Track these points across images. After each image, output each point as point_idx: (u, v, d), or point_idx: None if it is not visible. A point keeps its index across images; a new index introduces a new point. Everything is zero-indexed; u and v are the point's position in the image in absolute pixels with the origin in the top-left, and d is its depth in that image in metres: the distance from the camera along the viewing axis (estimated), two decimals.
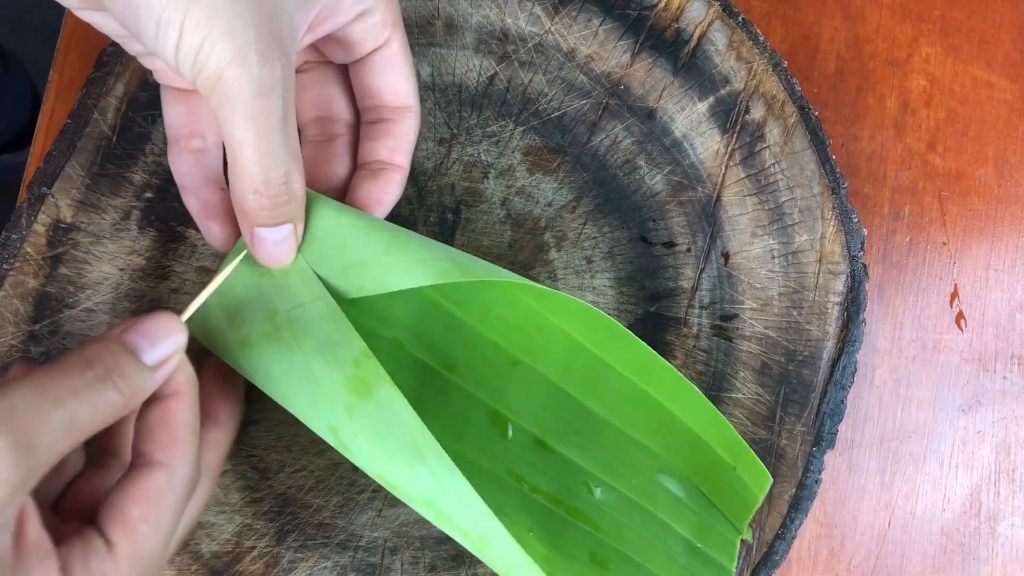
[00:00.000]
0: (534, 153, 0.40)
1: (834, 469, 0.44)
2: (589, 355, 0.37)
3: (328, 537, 0.37)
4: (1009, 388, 0.45)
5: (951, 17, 0.48)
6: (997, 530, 0.44)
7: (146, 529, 0.27)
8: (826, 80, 0.47)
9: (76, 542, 0.26)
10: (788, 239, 0.40)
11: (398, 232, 0.33)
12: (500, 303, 0.37)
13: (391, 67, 0.34)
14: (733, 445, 0.36)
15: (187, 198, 0.34)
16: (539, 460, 0.37)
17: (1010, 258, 0.46)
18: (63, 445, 0.25)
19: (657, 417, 0.37)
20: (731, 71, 0.40)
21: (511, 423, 0.38)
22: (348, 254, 0.32)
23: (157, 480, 0.28)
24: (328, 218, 0.33)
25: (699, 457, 0.37)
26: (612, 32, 0.40)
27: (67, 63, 0.44)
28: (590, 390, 0.38)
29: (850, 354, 0.39)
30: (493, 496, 0.37)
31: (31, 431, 0.24)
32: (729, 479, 0.37)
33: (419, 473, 0.30)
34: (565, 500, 0.37)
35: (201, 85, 0.28)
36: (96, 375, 0.26)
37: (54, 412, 0.25)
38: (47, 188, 0.37)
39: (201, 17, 0.26)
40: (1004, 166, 0.47)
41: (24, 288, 0.37)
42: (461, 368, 0.37)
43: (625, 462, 0.38)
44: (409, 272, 0.32)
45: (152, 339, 0.28)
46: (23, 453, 0.24)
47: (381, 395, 0.30)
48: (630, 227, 0.40)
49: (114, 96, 0.38)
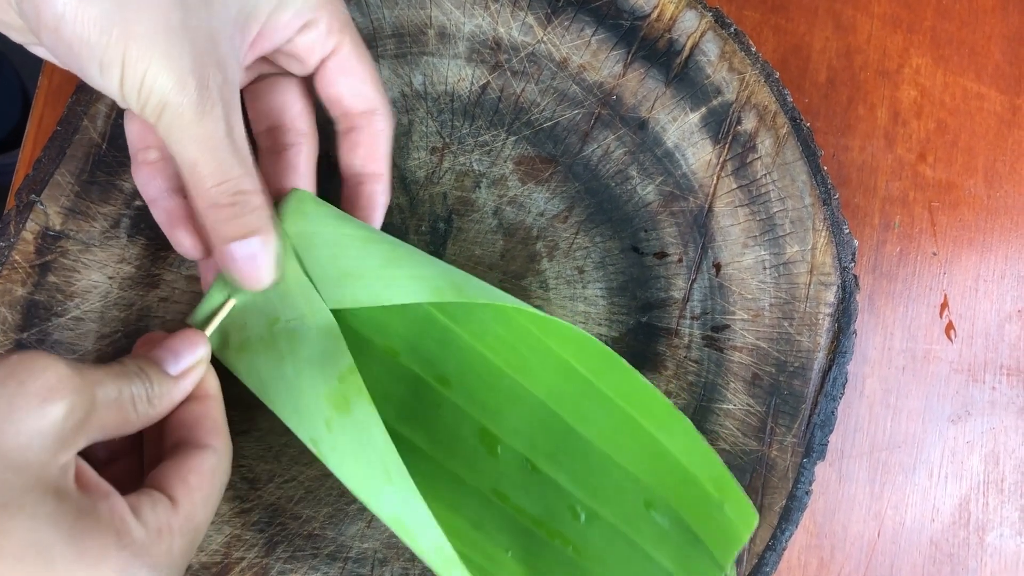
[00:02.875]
0: (526, 163, 0.40)
1: (824, 479, 0.44)
2: (582, 379, 0.37)
3: (318, 548, 0.37)
4: (998, 399, 0.45)
5: (942, 28, 0.48)
6: (986, 540, 0.44)
7: (201, 497, 0.30)
8: (817, 90, 0.47)
9: (144, 493, 0.29)
10: (779, 250, 0.40)
11: (398, 246, 0.34)
12: (497, 320, 0.37)
13: (345, 72, 0.34)
14: (721, 480, 0.36)
15: (154, 211, 0.35)
16: (525, 480, 0.37)
17: (999, 269, 0.47)
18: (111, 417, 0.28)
19: (646, 446, 0.37)
20: (723, 82, 0.40)
21: (500, 442, 0.37)
22: (345, 263, 0.33)
23: (210, 459, 0.31)
24: (329, 225, 0.33)
25: (686, 489, 0.37)
26: (604, 42, 0.40)
27: (56, 68, 0.44)
28: (581, 414, 0.37)
29: (841, 365, 0.39)
30: (476, 512, 0.37)
31: (93, 388, 0.27)
32: (715, 514, 0.37)
33: (386, 493, 0.30)
34: (548, 522, 0.37)
35: (149, 116, 0.29)
36: (131, 371, 0.30)
37: (108, 383, 0.28)
38: (36, 195, 0.37)
39: (139, 52, 0.28)
40: (994, 177, 0.47)
41: (12, 296, 0.36)
42: (454, 383, 0.37)
43: (612, 489, 0.37)
44: (404, 288, 0.32)
45: (176, 353, 0.31)
46: (87, 405, 0.27)
47: (359, 412, 0.30)
48: (622, 237, 0.40)
49: (104, 103, 0.38)
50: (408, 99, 0.40)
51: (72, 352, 0.36)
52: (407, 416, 0.37)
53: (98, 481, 0.28)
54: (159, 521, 0.28)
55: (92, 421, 0.27)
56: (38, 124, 0.44)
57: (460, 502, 0.36)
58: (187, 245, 0.34)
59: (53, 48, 0.29)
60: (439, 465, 0.37)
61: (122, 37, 0.28)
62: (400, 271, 0.32)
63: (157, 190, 0.34)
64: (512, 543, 0.36)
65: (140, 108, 0.29)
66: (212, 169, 0.30)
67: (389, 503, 0.30)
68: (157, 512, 0.28)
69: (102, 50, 0.28)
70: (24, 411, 0.25)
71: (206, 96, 0.29)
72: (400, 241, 0.34)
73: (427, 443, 0.37)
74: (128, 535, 0.27)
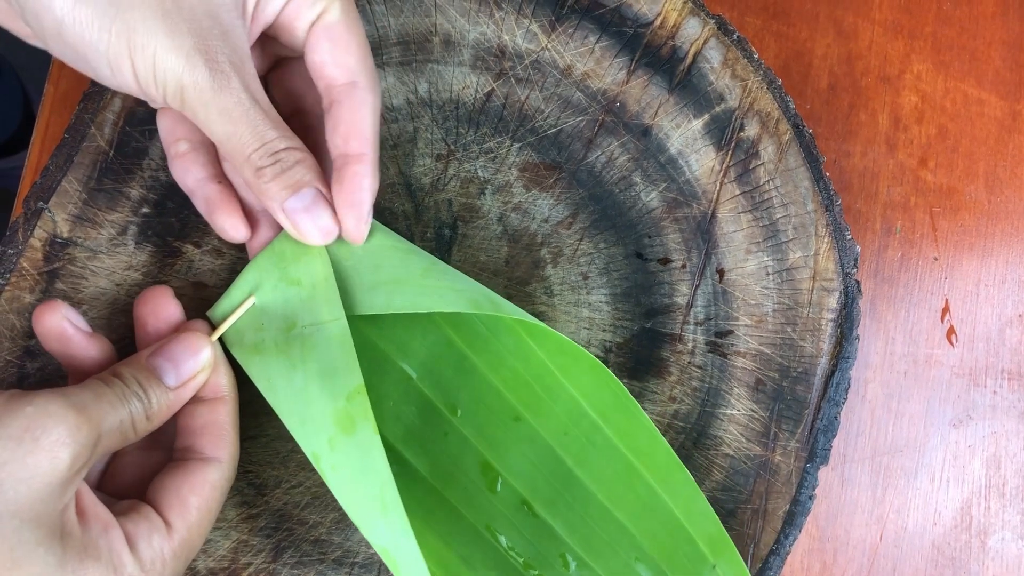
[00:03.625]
0: (531, 169, 0.40)
1: (826, 483, 0.44)
2: (590, 422, 0.37)
3: (324, 553, 0.37)
4: (999, 403, 0.46)
5: (942, 34, 0.48)
6: (987, 544, 0.45)
7: (198, 516, 0.31)
8: (819, 96, 0.47)
9: (140, 520, 0.30)
10: (782, 256, 0.40)
11: (437, 262, 0.34)
12: (514, 354, 0.37)
13: (328, 39, 0.32)
14: (717, 540, 0.36)
15: (195, 201, 0.35)
16: (521, 522, 0.37)
17: (1000, 273, 0.47)
18: (113, 441, 0.29)
19: (644, 499, 0.37)
20: (726, 89, 0.41)
21: (501, 478, 0.37)
22: (386, 272, 0.33)
23: (211, 473, 0.32)
24: (373, 237, 0.34)
25: (679, 548, 0.37)
26: (608, 50, 0.41)
27: (62, 76, 0.44)
28: (584, 459, 0.37)
29: (844, 370, 0.40)
30: (467, 547, 0.37)
31: (98, 426, 0.28)
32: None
33: (379, 522, 0.30)
34: (538, 567, 0.37)
35: (172, 101, 0.30)
36: (131, 391, 0.30)
37: (109, 415, 0.29)
38: (44, 203, 0.37)
39: (142, 41, 0.28)
40: (994, 182, 0.47)
41: (20, 303, 0.36)
42: (464, 412, 0.37)
43: (605, 541, 0.37)
44: (442, 297, 0.32)
45: (175, 361, 0.31)
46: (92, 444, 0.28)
47: (362, 436, 0.30)
48: (626, 243, 0.40)
49: (111, 111, 0.38)
50: (413, 106, 0.40)
51: None
52: (413, 439, 0.37)
53: (97, 510, 0.29)
54: (153, 553, 0.30)
55: (95, 454, 0.29)
56: (44, 131, 0.44)
57: (453, 535, 0.36)
58: (229, 228, 0.34)
59: (62, 55, 0.29)
60: (437, 494, 0.37)
61: (122, 31, 0.28)
62: (439, 282, 0.33)
63: (194, 180, 0.34)
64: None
65: (162, 96, 0.30)
66: (247, 137, 0.30)
67: (380, 533, 0.30)
68: (152, 544, 0.30)
69: (106, 47, 0.28)
70: (38, 467, 0.27)
71: (218, 69, 0.29)
72: (438, 259, 0.35)
73: (429, 469, 0.37)
74: (123, 570, 0.28)
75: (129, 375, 0.31)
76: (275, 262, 0.34)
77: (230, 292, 0.34)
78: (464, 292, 0.33)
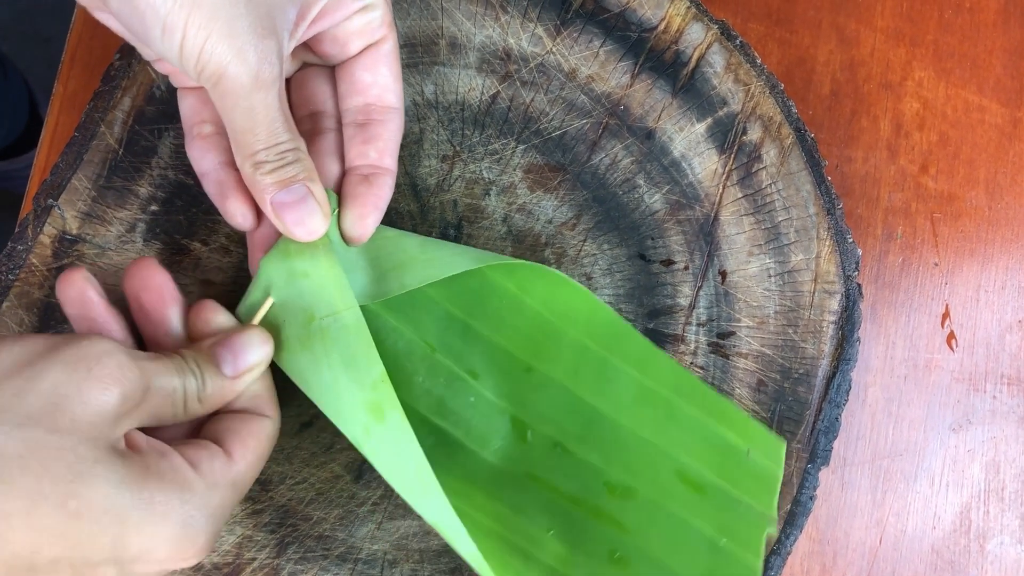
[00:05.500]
0: (535, 171, 0.41)
1: (826, 486, 0.45)
2: (596, 356, 0.38)
3: (328, 549, 0.37)
4: (999, 408, 0.46)
5: (944, 42, 0.49)
6: (986, 548, 0.45)
7: (253, 458, 0.32)
8: (821, 102, 0.48)
9: (199, 447, 0.31)
10: (784, 258, 0.40)
11: (427, 239, 0.36)
12: (509, 311, 0.38)
13: (384, 63, 0.35)
14: (741, 426, 0.37)
15: (205, 184, 0.35)
16: (558, 463, 0.38)
17: (1000, 279, 0.47)
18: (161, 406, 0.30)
19: (665, 412, 0.38)
20: (729, 93, 0.41)
21: (530, 428, 0.38)
22: (389, 259, 0.35)
23: (266, 425, 0.33)
24: None
25: (711, 447, 0.38)
26: (612, 53, 0.41)
27: (71, 75, 0.45)
28: (600, 392, 0.38)
29: (845, 372, 0.40)
30: (514, 497, 0.38)
31: (148, 378, 0.29)
32: (745, 464, 0.37)
33: (425, 502, 0.31)
34: (585, 500, 0.38)
35: (205, 81, 0.31)
36: (188, 367, 0.31)
37: (162, 375, 0.30)
38: (53, 200, 0.37)
39: (202, 20, 0.29)
40: (995, 189, 0.48)
41: (29, 299, 0.37)
42: (482, 375, 0.39)
43: (641, 462, 0.38)
44: (445, 263, 0.34)
45: (236, 352, 0.32)
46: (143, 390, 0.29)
47: (392, 423, 0.31)
48: (629, 245, 0.41)
49: (121, 110, 0.38)
50: (420, 108, 0.41)
51: None
52: (445, 409, 0.38)
53: (151, 442, 0.30)
54: (215, 474, 0.30)
55: (144, 407, 0.29)
56: (53, 130, 0.44)
57: (498, 488, 0.37)
58: (238, 215, 0.35)
59: (119, 9, 0.30)
60: (476, 456, 0.38)
61: (187, 4, 0.29)
62: (437, 252, 0.34)
63: (210, 163, 0.35)
64: (553, 523, 0.37)
65: (197, 74, 0.30)
66: (262, 136, 0.31)
67: (428, 509, 0.32)
68: (214, 465, 0.30)
69: (167, 12, 0.29)
70: (91, 393, 0.28)
71: (263, 68, 0.30)
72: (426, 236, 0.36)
73: (464, 435, 0.38)
74: (189, 489, 0.29)
75: (189, 355, 0.32)
76: (282, 259, 0.34)
77: (248, 294, 0.34)
78: (462, 254, 0.34)
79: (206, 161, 0.35)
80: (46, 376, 0.27)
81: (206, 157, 0.35)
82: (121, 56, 0.39)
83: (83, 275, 0.32)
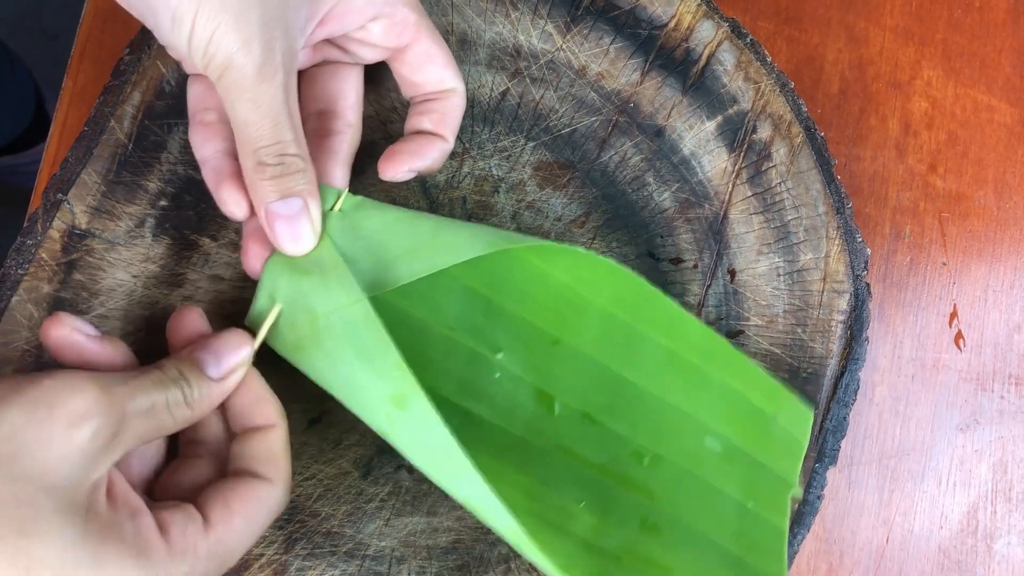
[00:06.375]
0: (544, 168, 0.41)
1: (833, 485, 0.45)
2: (622, 325, 0.38)
3: (336, 546, 0.37)
4: (1006, 407, 0.46)
5: (953, 41, 0.49)
6: (994, 548, 0.45)
7: (239, 525, 0.31)
8: (830, 101, 0.48)
9: (176, 511, 0.30)
10: (793, 257, 0.40)
11: (441, 219, 0.35)
12: (533, 284, 0.38)
13: (425, 61, 0.36)
14: (769, 391, 0.37)
15: (204, 170, 0.35)
16: (586, 433, 0.38)
17: (1008, 279, 0.47)
18: (143, 428, 0.29)
19: (693, 379, 0.38)
20: (739, 91, 0.41)
21: (557, 400, 0.38)
22: (398, 244, 0.34)
23: (260, 489, 0.32)
24: (373, 217, 0.35)
25: (738, 413, 0.38)
26: (623, 51, 0.41)
27: (81, 70, 0.45)
28: (627, 361, 0.38)
29: (853, 372, 0.40)
30: (543, 470, 0.38)
31: (124, 407, 0.28)
32: (771, 431, 0.37)
33: (457, 484, 0.31)
34: (615, 470, 0.38)
35: (211, 72, 0.31)
36: (169, 378, 0.30)
37: (140, 398, 0.29)
38: (63, 194, 0.37)
39: (212, 12, 0.29)
40: (1003, 188, 0.48)
41: (38, 293, 0.37)
42: (506, 351, 0.39)
43: (669, 429, 0.38)
44: (458, 249, 0.34)
45: (218, 354, 0.32)
46: (116, 423, 0.28)
47: (416, 410, 0.31)
48: (638, 243, 0.41)
49: (131, 104, 0.38)
50: None
51: None
52: (467, 390, 0.38)
53: (128, 496, 0.29)
54: (185, 540, 0.29)
55: (124, 436, 0.28)
56: (62, 125, 0.44)
57: (527, 462, 0.37)
58: (231, 203, 0.34)
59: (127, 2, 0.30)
60: (503, 431, 0.38)
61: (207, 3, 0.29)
62: (451, 237, 0.34)
63: (211, 151, 0.35)
64: (583, 494, 0.37)
65: (204, 65, 0.30)
66: (264, 131, 0.31)
67: (461, 490, 0.31)
68: (187, 532, 0.29)
69: (177, 4, 0.29)
70: (53, 436, 0.27)
71: (269, 61, 0.30)
72: (441, 217, 0.36)
73: (489, 412, 0.38)
74: (149, 554, 0.28)
75: (170, 364, 0.31)
76: (284, 259, 0.34)
77: (255, 302, 0.34)
78: (476, 237, 0.34)
79: (207, 148, 0.35)
80: (3, 420, 0.26)
81: (207, 144, 0.35)
82: (131, 51, 0.39)
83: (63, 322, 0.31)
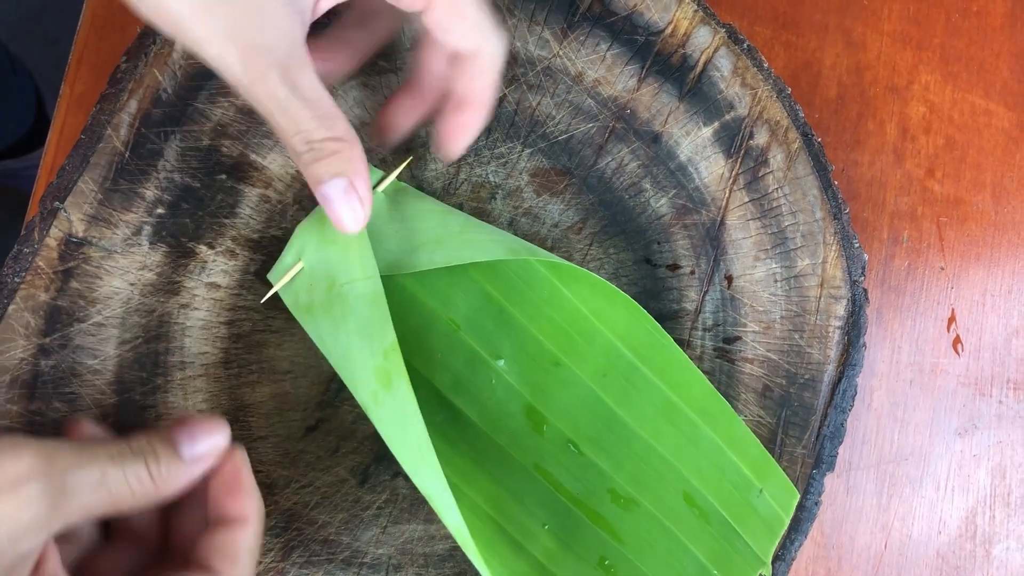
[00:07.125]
0: (541, 175, 0.41)
1: (832, 491, 0.45)
2: (627, 362, 0.38)
3: (333, 553, 0.37)
4: (1005, 412, 0.46)
5: (951, 46, 0.49)
6: (992, 553, 0.45)
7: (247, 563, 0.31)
8: (827, 106, 0.48)
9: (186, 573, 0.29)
10: (790, 263, 0.40)
11: (472, 218, 0.36)
12: (549, 302, 0.39)
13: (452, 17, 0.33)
14: (761, 462, 0.37)
15: None
16: (568, 461, 0.39)
17: (1006, 284, 0.47)
18: (91, 499, 0.28)
19: (686, 432, 0.38)
20: (736, 97, 0.41)
21: (547, 421, 0.39)
22: (426, 233, 0.35)
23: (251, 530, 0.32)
24: (410, 204, 0.36)
25: (725, 478, 0.38)
26: (619, 57, 0.41)
27: (78, 77, 0.45)
28: (624, 399, 0.39)
29: (850, 377, 0.40)
30: (517, 485, 0.38)
31: (65, 475, 0.27)
32: (755, 504, 0.38)
33: (420, 472, 0.32)
34: (587, 503, 0.38)
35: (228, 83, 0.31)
36: (132, 450, 0.30)
37: (88, 467, 0.28)
38: (60, 202, 0.37)
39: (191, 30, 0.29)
40: (1001, 193, 0.48)
41: (35, 301, 0.37)
42: (507, 361, 0.39)
43: (652, 477, 0.38)
44: (481, 248, 0.34)
45: (192, 436, 0.32)
46: (55, 492, 0.27)
47: (399, 392, 0.31)
48: (635, 249, 0.41)
49: (127, 112, 0.38)
50: None
51: (94, 357, 0.37)
52: (462, 388, 0.39)
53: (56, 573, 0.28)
54: None
55: (65, 507, 0.27)
56: (60, 132, 0.44)
57: (504, 475, 0.38)
58: None
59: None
60: (487, 437, 0.39)
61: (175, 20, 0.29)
62: (478, 235, 0.35)
63: None
64: (549, 518, 0.38)
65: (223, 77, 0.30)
66: (284, 123, 0.31)
67: (422, 479, 0.32)
68: None
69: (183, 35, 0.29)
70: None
71: (253, 62, 0.29)
72: (472, 216, 0.36)
73: (478, 415, 0.39)
74: None
75: (141, 437, 0.31)
76: (316, 225, 0.35)
77: (283, 256, 0.36)
78: (501, 242, 0.35)
79: None
80: None
81: None
82: (128, 59, 0.39)
83: None
